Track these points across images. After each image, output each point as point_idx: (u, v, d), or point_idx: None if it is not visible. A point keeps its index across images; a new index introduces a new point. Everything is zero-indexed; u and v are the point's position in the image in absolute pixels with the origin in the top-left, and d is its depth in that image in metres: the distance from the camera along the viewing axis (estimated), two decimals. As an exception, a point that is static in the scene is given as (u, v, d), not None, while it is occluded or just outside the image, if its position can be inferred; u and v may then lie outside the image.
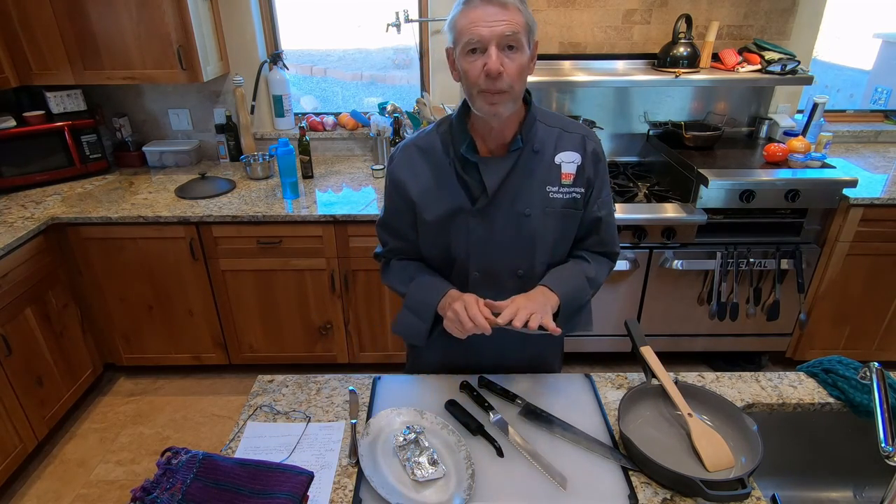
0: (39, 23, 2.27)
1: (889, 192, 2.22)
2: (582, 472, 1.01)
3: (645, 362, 1.16)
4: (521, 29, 0.99)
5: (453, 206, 1.14)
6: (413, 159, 1.17)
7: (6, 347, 1.96)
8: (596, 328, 2.50)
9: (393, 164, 1.20)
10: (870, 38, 4.28)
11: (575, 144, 1.14)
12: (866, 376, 1.00)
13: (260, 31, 2.69)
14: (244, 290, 2.40)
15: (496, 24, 0.97)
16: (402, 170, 1.17)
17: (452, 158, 1.14)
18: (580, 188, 1.15)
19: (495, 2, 0.97)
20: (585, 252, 1.24)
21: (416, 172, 1.16)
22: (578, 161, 1.13)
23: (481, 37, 0.97)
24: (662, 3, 2.48)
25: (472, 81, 1.02)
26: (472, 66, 1.00)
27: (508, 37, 0.98)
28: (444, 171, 1.15)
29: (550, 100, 2.69)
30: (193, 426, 2.38)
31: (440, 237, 1.18)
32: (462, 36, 1.00)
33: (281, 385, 1.25)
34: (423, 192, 1.15)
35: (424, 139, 1.18)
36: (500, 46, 0.98)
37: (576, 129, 1.16)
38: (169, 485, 0.87)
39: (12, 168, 2.41)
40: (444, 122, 1.18)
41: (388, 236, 1.27)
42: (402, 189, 1.17)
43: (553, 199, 1.13)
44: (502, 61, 0.98)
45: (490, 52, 0.98)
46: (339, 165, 2.75)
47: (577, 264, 1.21)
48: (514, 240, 1.15)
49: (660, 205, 2.27)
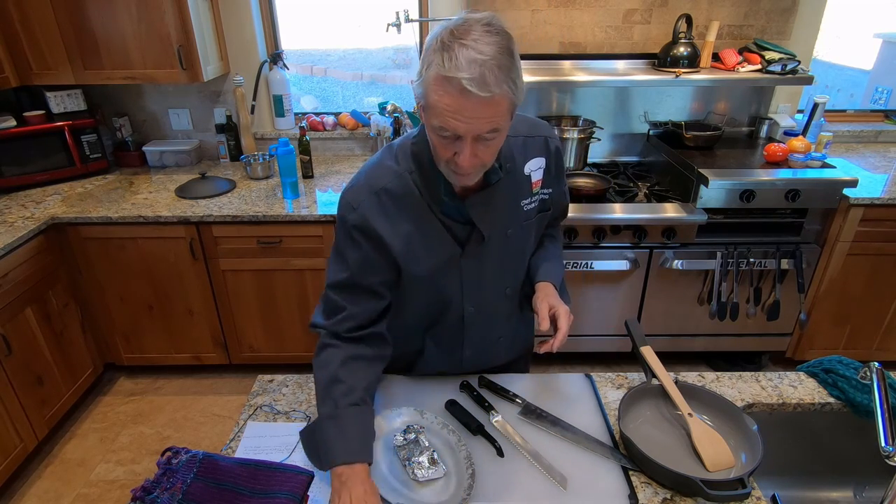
0: (39, 23, 2.27)
1: (889, 192, 2.22)
2: (582, 472, 1.01)
3: (645, 362, 1.16)
4: (504, 116, 0.84)
5: (442, 256, 1.05)
6: (387, 209, 1.00)
7: (6, 347, 1.96)
8: (596, 328, 2.52)
9: (358, 212, 0.99)
10: (870, 38, 4.27)
11: (539, 149, 1.09)
12: (866, 376, 1.00)
13: (260, 31, 2.69)
14: (244, 290, 2.40)
15: (475, 121, 0.81)
16: (377, 221, 0.99)
17: (429, 202, 1.01)
18: (548, 189, 1.13)
19: (478, 97, 0.78)
20: (551, 230, 1.26)
21: (394, 224, 1.01)
22: (544, 165, 1.10)
23: (455, 129, 0.82)
24: (662, 3, 2.48)
25: (439, 156, 0.91)
26: (441, 144, 0.88)
27: (488, 132, 0.84)
28: (424, 219, 1.02)
29: (550, 100, 2.69)
30: (193, 426, 2.38)
31: (430, 286, 1.11)
32: (433, 113, 0.84)
33: (281, 385, 1.25)
34: (407, 247, 1.02)
35: (394, 183, 1.00)
36: (476, 138, 0.85)
37: (537, 130, 1.10)
38: (169, 484, 0.87)
39: (12, 168, 2.41)
40: (406, 159, 1.01)
41: (346, 301, 1.04)
42: (379, 244, 1.01)
43: (527, 211, 1.10)
44: (476, 151, 0.86)
45: (464, 149, 0.84)
46: (339, 165, 2.75)
47: (555, 248, 1.23)
48: (502, 263, 1.13)
49: (660, 205, 2.27)
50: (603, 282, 2.39)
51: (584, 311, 2.47)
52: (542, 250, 1.23)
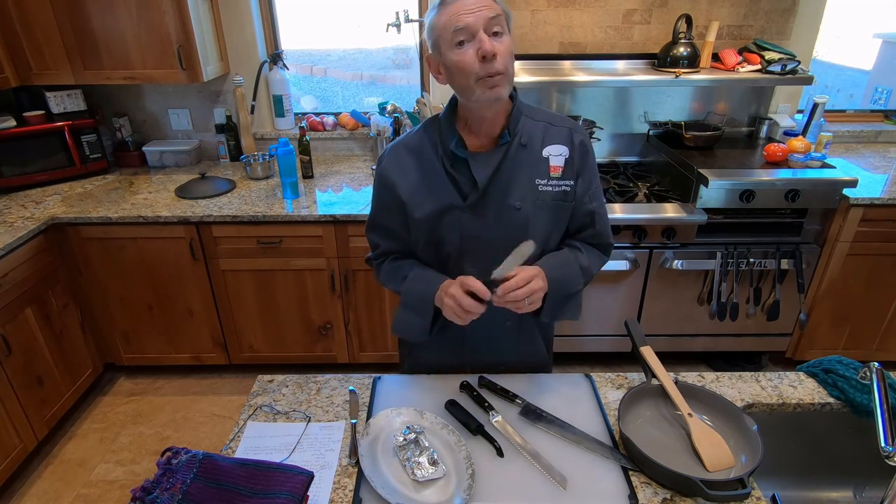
0: (39, 23, 2.27)
1: (889, 192, 2.22)
2: (582, 472, 1.01)
3: (645, 362, 1.16)
4: (501, 13, 1.01)
5: (443, 202, 1.14)
6: (401, 159, 1.18)
7: (6, 347, 1.96)
8: (596, 328, 2.51)
9: (382, 165, 1.20)
10: (870, 38, 4.28)
11: (562, 137, 1.15)
12: (866, 376, 1.00)
13: (260, 31, 2.69)
14: (244, 290, 2.40)
15: (479, 10, 0.99)
16: (392, 170, 1.18)
17: (441, 156, 1.14)
18: (569, 181, 1.15)
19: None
20: (580, 242, 1.24)
21: (405, 172, 1.17)
22: (566, 154, 1.14)
23: (468, 24, 0.99)
24: (662, 3, 2.49)
25: (468, 70, 1.01)
26: (465, 55, 1.01)
27: (493, 20, 0.99)
28: (432, 169, 1.15)
29: (550, 100, 2.69)
30: (193, 426, 2.38)
31: (432, 234, 1.18)
32: (446, 30, 1.01)
33: (281, 385, 1.25)
34: (412, 190, 1.16)
35: (412, 139, 1.19)
36: (487, 32, 1.00)
37: (562, 122, 1.17)
38: (169, 485, 0.87)
39: (12, 168, 2.41)
40: (432, 122, 1.19)
41: (378, 238, 1.27)
42: (392, 189, 1.17)
43: (542, 192, 1.14)
44: (493, 44, 1.00)
45: (481, 37, 0.99)
46: (339, 165, 2.75)
47: (572, 252, 1.21)
48: (507, 234, 1.14)
49: (660, 205, 2.27)
50: (603, 282, 2.39)
51: (585, 311, 2.44)
52: (564, 250, 1.21)
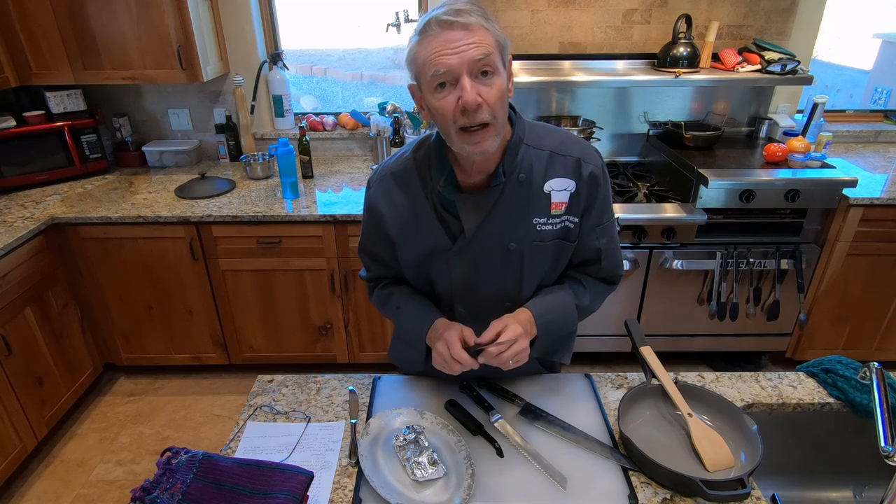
0: (39, 23, 2.27)
1: (889, 192, 2.22)
2: (582, 472, 1.01)
3: (645, 362, 1.16)
4: (492, 49, 0.86)
5: (431, 245, 1.06)
6: (390, 191, 1.07)
7: (6, 347, 1.96)
8: (596, 328, 2.52)
9: (371, 192, 1.11)
10: (870, 38, 4.28)
11: (568, 169, 1.01)
12: (866, 376, 1.00)
13: (260, 31, 2.69)
14: (244, 290, 2.40)
15: (464, 48, 0.83)
16: (380, 201, 1.08)
17: (430, 192, 1.03)
18: (574, 217, 1.04)
19: (457, 24, 0.83)
20: (582, 276, 1.14)
21: (394, 205, 1.07)
22: (572, 188, 1.02)
23: (449, 67, 0.84)
24: (662, 3, 2.49)
25: (447, 120, 0.88)
26: (444, 102, 0.87)
27: (480, 61, 0.84)
28: (421, 207, 1.05)
29: (550, 100, 2.69)
30: (193, 426, 2.38)
31: (421, 274, 1.13)
32: (426, 69, 0.86)
33: (281, 385, 1.25)
34: (400, 229, 1.07)
35: (400, 167, 1.07)
36: (472, 74, 0.85)
37: (570, 150, 1.02)
38: (169, 485, 0.87)
39: (12, 168, 2.41)
40: (422, 147, 1.06)
41: (369, 261, 1.20)
42: (380, 222, 1.09)
43: (541, 232, 1.03)
44: (478, 90, 0.85)
45: (463, 83, 0.84)
46: (339, 165, 2.75)
47: (572, 289, 1.11)
48: (500, 274, 1.07)
49: (660, 205, 2.27)
50: (603, 282, 2.39)
51: (584, 312, 2.46)
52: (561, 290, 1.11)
